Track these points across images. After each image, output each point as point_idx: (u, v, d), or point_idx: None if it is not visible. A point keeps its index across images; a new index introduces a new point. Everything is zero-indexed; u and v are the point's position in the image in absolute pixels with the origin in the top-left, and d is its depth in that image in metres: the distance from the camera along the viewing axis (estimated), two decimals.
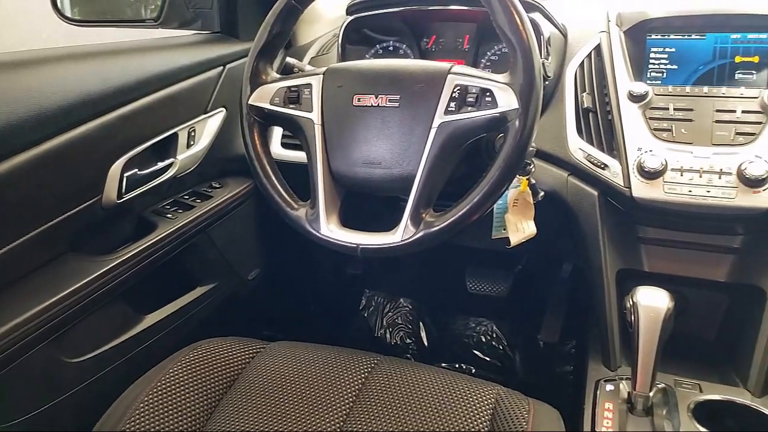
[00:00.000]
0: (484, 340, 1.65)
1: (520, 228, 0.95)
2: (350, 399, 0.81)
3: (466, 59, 1.18)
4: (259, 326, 1.55)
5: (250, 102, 0.90)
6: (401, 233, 0.80)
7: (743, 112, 0.91)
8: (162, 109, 1.07)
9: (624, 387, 0.88)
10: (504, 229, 0.98)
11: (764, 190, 0.85)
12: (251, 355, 0.91)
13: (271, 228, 1.34)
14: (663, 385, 0.88)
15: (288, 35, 0.93)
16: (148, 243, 1.04)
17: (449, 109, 0.81)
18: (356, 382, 0.83)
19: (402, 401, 0.80)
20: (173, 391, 0.81)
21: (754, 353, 0.89)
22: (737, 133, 0.90)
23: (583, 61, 1.04)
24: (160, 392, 0.80)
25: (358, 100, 0.85)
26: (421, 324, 1.73)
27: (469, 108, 0.80)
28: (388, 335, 1.74)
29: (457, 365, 1.62)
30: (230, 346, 0.90)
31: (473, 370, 1.59)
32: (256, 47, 0.90)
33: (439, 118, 0.81)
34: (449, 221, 0.79)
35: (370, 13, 1.18)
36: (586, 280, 1.04)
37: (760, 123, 0.89)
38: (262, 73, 0.91)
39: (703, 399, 0.86)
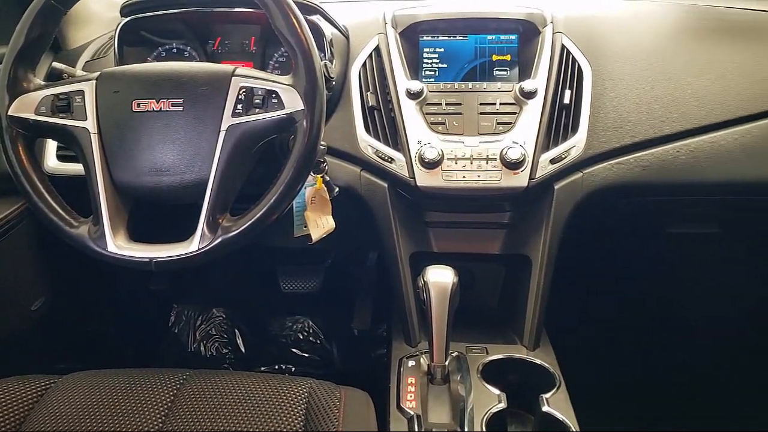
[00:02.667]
0: (301, 337, 1.67)
1: (320, 224, 0.98)
2: (159, 420, 0.77)
3: (254, 61, 1.17)
4: (51, 360, 1.39)
5: (9, 113, 0.81)
6: (198, 241, 0.78)
7: (501, 104, 1.03)
8: None
9: (424, 361, 0.95)
10: (305, 227, 1.00)
11: (522, 171, 0.99)
12: (38, 394, 0.81)
13: (54, 250, 1.21)
14: (456, 354, 0.98)
15: (50, 38, 0.84)
16: None
17: (237, 111, 0.80)
18: (164, 402, 0.79)
19: (215, 412, 0.78)
20: None
21: (526, 313, 1.03)
22: (498, 123, 1.02)
23: (365, 62, 1.09)
24: None
25: (138, 105, 0.81)
26: (236, 331, 1.70)
27: (257, 110, 0.80)
28: (202, 348, 1.67)
29: (276, 366, 1.62)
30: (10, 388, 0.80)
31: (293, 369, 1.60)
32: (12, 52, 0.80)
33: (227, 121, 0.80)
34: (248, 224, 0.79)
35: (146, 14, 1.12)
36: (386, 265, 1.10)
37: (515, 113, 1.02)
38: (23, 80, 0.82)
39: (488, 360, 0.97)
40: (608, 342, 1.56)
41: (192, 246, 0.78)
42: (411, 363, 0.96)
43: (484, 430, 0.83)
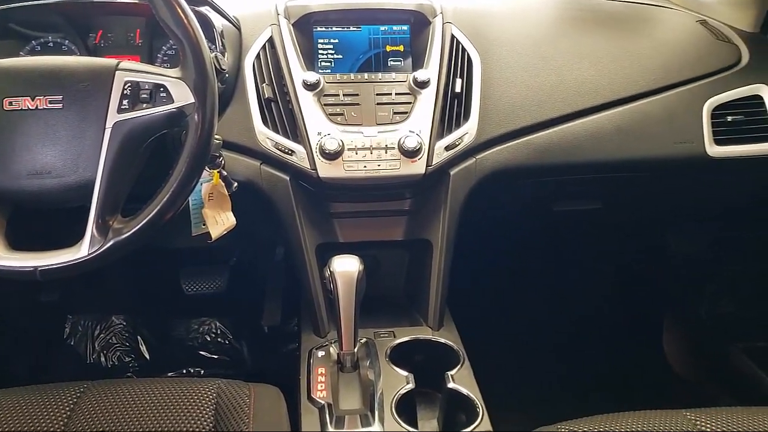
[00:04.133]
0: (209, 339, 1.63)
1: (219, 221, 0.96)
2: None
3: (141, 55, 1.12)
4: None
5: None
6: (87, 246, 0.75)
7: (397, 94, 1.05)
8: None
9: (333, 350, 0.96)
10: (203, 225, 0.97)
11: (419, 159, 1.01)
12: None
13: None
14: (365, 340, 1.00)
15: None
16: None
17: (123, 107, 0.77)
18: (59, 419, 0.75)
19: (117, 421, 0.75)
20: None
21: (429, 295, 1.07)
22: (394, 113, 1.04)
23: (259, 54, 1.08)
24: None
25: (10, 104, 0.75)
26: (139, 338, 1.63)
27: (144, 105, 0.78)
28: (102, 359, 1.59)
29: (184, 371, 1.57)
30: None
31: (202, 372, 1.56)
32: None
33: (113, 118, 0.77)
34: (140, 225, 0.76)
35: (15, 5, 1.04)
36: (292, 259, 1.10)
37: (410, 103, 1.05)
38: None
39: (396, 343, 1.00)
40: (505, 315, 1.65)
41: (81, 251, 0.74)
42: (321, 353, 0.97)
43: (394, 411, 0.85)
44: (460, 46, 1.10)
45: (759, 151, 1.11)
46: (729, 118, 1.11)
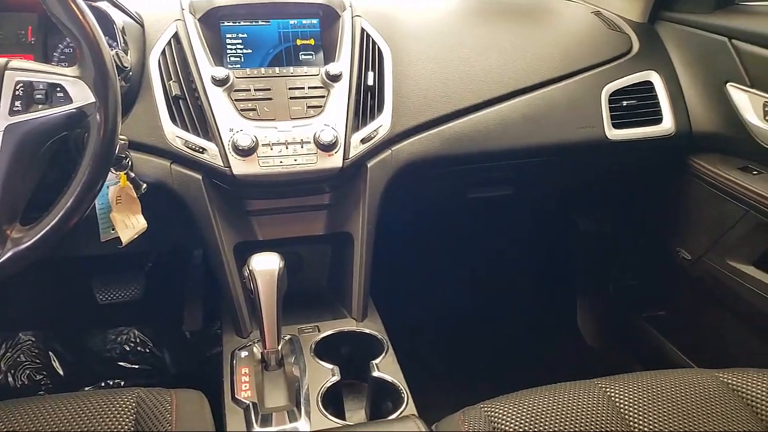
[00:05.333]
0: (128, 348, 1.57)
1: (129, 224, 0.92)
2: None
3: (34, 53, 1.05)
4: None
5: None
6: None
7: (310, 88, 1.05)
8: None
9: (257, 349, 0.95)
10: (113, 229, 0.93)
11: (336, 152, 1.02)
12: None
13: None
14: (289, 337, 0.99)
15: None
16: None
17: (15, 109, 0.73)
18: None
19: None
20: None
21: (352, 287, 1.07)
22: (308, 107, 1.04)
23: (164, 50, 1.04)
24: None
25: None
26: (51, 354, 1.54)
27: (40, 106, 0.74)
28: (10, 378, 1.49)
29: (103, 384, 1.50)
30: None
31: (122, 383, 1.50)
32: None
33: (5, 120, 0.72)
34: (42, 233, 0.72)
35: None
36: (210, 260, 1.07)
37: (323, 96, 1.05)
38: None
39: (320, 337, 1.00)
40: (427, 301, 1.69)
41: None
42: (244, 354, 0.95)
43: (320, 404, 0.86)
44: (371, 39, 1.11)
45: (651, 133, 1.19)
46: (624, 103, 1.18)
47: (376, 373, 0.92)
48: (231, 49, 1.08)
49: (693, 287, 1.34)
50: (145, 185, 0.96)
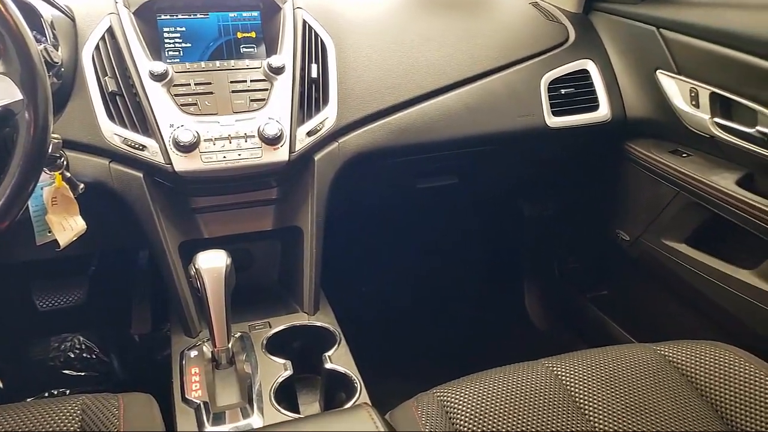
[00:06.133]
0: (72, 355, 1.51)
1: (67, 226, 0.89)
2: None
3: None
4: None
5: None
6: None
7: (252, 81, 1.04)
8: None
9: (207, 348, 0.94)
10: (49, 232, 0.90)
11: (281, 146, 1.01)
12: None
13: None
14: (240, 334, 0.98)
15: None
16: None
17: None
18: None
19: None
20: None
21: (303, 281, 1.07)
22: (251, 100, 1.02)
23: (98, 45, 1.01)
24: None
25: None
26: None
27: None
28: None
29: (46, 394, 1.44)
30: None
31: (68, 392, 1.45)
32: None
33: None
34: None
35: None
36: (155, 260, 1.05)
37: (266, 89, 1.03)
38: None
39: (272, 333, 0.99)
40: (380, 292, 1.70)
41: None
42: (193, 353, 0.94)
43: (273, 400, 0.85)
44: (313, 31, 1.10)
45: (589, 119, 1.23)
46: (563, 91, 1.22)
47: (329, 365, 0.92)
48: (169, 43, 1.05)
49: (632, 267, 1.40)
50: (82, 185, 0.93)
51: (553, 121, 1.21)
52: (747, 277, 1.05)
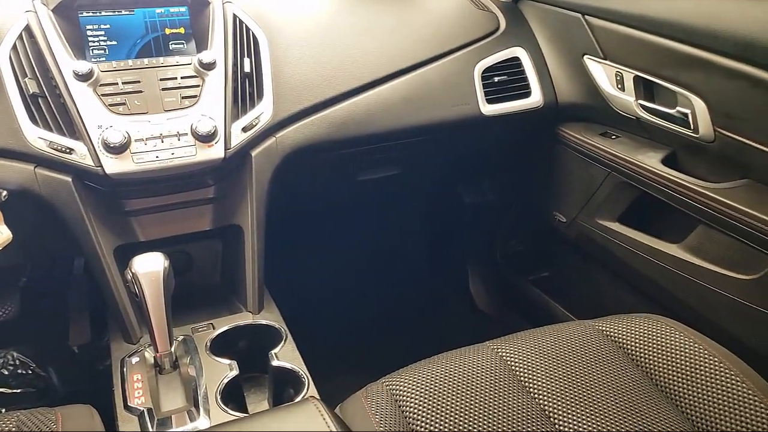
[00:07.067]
0: (6, 372, 1.44)
1: None
2: None
3: None
4: None
5: None
6: None
7: (183, 78, 1.01)
8: None
9: (149, 354, 0.91)
10: None
11: (216, 143, 0.99)
12: None
13: None
14: (182, 337, 0.96)
15: None
16: None
17: None
18: None
19: None
20: None
21: (246, 280, 1.06)
22: (183, 97, 1.00)
23: (15, 44, 0.96)
24: None
25: None
26: None
27: None
28: None
29: None
30: None
31: (3, 411, 1.38)
32: None
33: None
34: None
35: None
36: (90, 267, 1.01)
37: (198, 86, 1.01)
38: None
39: (215, 334, 0.98)
40: (325, 286, 1.69)
41: None
42: (135, 360, 0.91)
43: (219, 401, 0.84)
44: (244, 25, 1.08)
45: (522, 106, 1.26)
46: (496, 79, 1.24)
47: (275, 362, 0.92)
48: (93, 41, 1.01)
49: (570, 247, 1.45)
50: (5, 192, 0.89)
51: (488, 109, 1.23)
52: (674, 251, 1.10)
